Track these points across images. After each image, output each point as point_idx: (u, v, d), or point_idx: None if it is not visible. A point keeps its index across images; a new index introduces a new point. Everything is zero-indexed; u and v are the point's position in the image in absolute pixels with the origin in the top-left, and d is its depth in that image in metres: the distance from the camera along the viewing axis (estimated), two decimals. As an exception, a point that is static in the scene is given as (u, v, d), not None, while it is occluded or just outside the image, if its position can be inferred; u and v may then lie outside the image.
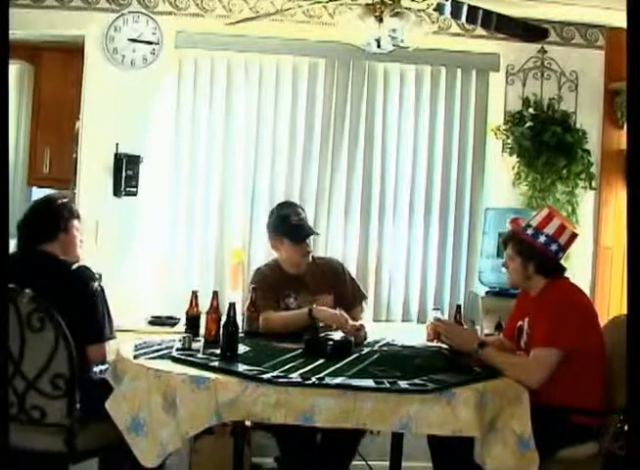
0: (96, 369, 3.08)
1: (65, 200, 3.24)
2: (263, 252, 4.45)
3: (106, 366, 3.06)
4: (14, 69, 4.71)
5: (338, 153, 4.53)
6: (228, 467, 3.24)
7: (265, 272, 3.72)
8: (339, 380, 2.66)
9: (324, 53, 4.48)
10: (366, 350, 3.23)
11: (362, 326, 3.46)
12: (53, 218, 3.14)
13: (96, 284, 3.05)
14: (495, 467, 2.72)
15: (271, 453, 3.80)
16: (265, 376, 2.64)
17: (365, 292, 3.96)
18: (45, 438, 2.84)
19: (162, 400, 2.64)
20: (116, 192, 4.28)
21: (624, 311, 2.94)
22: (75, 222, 3.20)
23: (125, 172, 4.26)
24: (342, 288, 3.73)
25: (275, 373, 2.69)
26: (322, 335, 3.17)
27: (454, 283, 4.61)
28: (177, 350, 2.97)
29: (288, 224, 3.64)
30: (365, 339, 3.43)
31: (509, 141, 4.49)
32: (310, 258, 3.68)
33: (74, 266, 3.07)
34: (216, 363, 2.80)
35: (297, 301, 3.63)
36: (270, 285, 3.60)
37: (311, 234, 3.70)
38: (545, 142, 4.38)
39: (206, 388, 2.61)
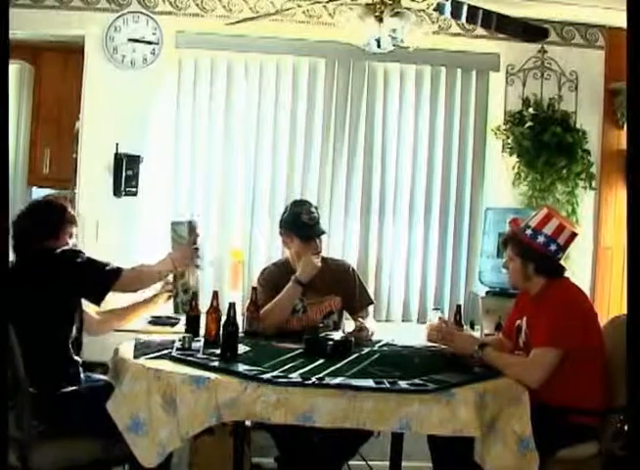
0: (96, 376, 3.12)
1: (57, 205, 3.23)
2: (263, 252, 4.46)
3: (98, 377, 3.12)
4: (14, 69, 4.71)
5: (338, 153, 4.53)
6: (228, 467, 3.24)
7: (273, 271, 3.73)
8: (339, 380, 2.66)
9: (324, 53, 4.48)
10: (366, 350, 3.24)
11: (364, 327, 3.47)
12: (42, 225, 3.13)
13: (79, 259, 3.06)
14: (495, 467, 2.72)
15: (271, 453, 3.80)
16: (265, 376, 2.64)
17: (372, 297, 3.97)
18: None
19: (162, 400, 2.64)
20: (116, 192, 4.28)
21: (624, 311, 2.94)
22: (68, 228, 3.19)
23: (125, 172, 4.26)
24: (351, 291, 3.74)
25: (275, 373, 2.69)
26: (322, 335, 3.18)
27: (454, 283, 4.61)
28: (177, 350, 2.98)
29: (299, 222, 3.64)
30: (369, 340, 3.45)
31: (509, 141, 4.49)
32: (320, 259, 3.66)
33: (58, 251, 3.08)
34: (216, 363, 2.81)
35: (304, 301, 3.63)
36: (276, 284, 3.60)
37: (321, 233, 3.69)
38: (545, 142, 4.38)
39: (206, 388, 2.61)
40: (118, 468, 3.15)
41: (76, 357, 3.12)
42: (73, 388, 3.00)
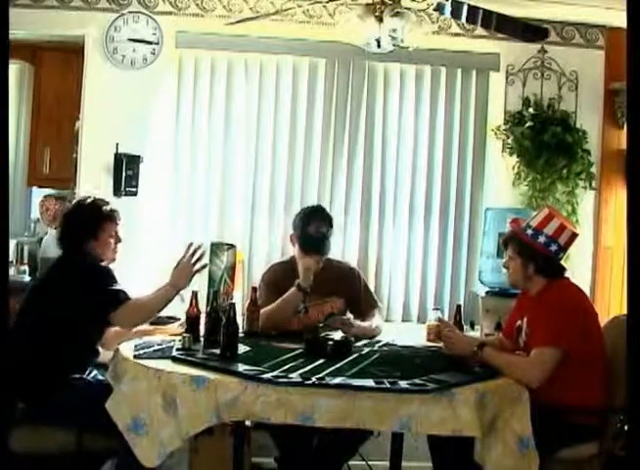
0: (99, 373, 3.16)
1: (90, 205, 3.28)
2: (263, 252, 4.46)
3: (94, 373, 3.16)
4: (14, 69, 4.72)
5: (338, 152, 4.53)
6: (228, 467, 3.23)
7: (277, 271, 3.73)
8: (339, 380, 2.66)
9: (324, 53, 4.48)
10: (366, 350, 3.24)
11: (349, 322, 3.48)
12: (77, 227, 3.22)
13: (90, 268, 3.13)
14: (495, 467, 2.72)
15: (271, 453, 3.80)
16: (265, 376, 2.64)
17: (379, 300, 3.97)
18: None
19: (162, 400, 2.64)
20: (116, 192, 4.27)
21: (624, 311, 2.94)
22: (107, 227, 3.26)
23: (125, 172, 4.26)
24: (356, 294, 3.73)
25: (275, 373, 2.69)
26: (322, 335, 3.17)
27: (454, 283, 4.61)
28: (177, 350, 2.98)
29: (305, 232, 3.63)
30: (372, 337, 3.45)
31: (509, 141, 4.49)
32: (320, 267, 3.61)
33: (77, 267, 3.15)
34: (216, 363, 2.81)
35: (305, 302, 3.62)
36: (279, 284, 3.60)
37: (322, 254, 3.62)
38: (545, 142, 4.38)
39: (206, 388, 2.61)
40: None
41: (89, 353, 3.19)
42: (70, 377, 3.05)
